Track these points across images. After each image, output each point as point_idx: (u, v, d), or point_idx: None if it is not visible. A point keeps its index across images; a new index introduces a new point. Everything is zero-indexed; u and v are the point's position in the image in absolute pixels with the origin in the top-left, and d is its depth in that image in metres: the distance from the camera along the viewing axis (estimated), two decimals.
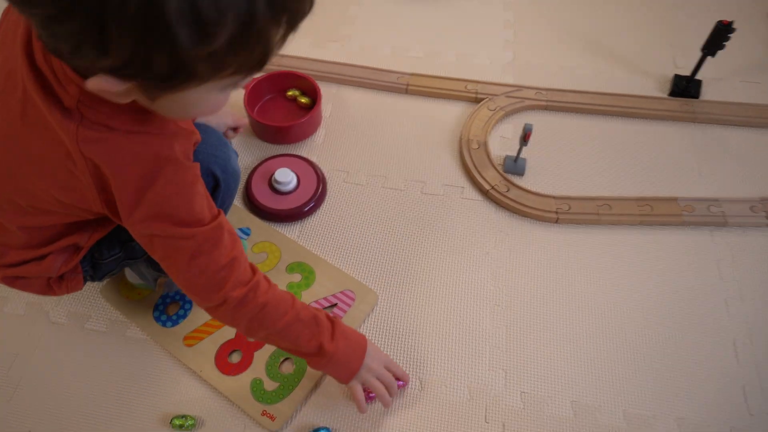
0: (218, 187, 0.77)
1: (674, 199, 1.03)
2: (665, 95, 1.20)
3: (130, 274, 0.92)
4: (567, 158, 1.11)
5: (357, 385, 0.78)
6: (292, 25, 0.49)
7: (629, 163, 1.10)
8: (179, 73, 0.45)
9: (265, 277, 0.71)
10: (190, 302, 0.92)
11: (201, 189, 0.63)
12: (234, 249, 0.66)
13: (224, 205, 0.80)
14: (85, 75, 0.48)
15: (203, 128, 0.77)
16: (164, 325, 0.90)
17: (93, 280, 0.81)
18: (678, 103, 1.18)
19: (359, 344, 0.78)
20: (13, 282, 0.76)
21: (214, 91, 0.53)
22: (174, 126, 0.61)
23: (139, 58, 0.43)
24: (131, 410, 0.84)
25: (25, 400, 0.84)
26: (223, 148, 0.79)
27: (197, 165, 0.62)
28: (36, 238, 0.70)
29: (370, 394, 0.81)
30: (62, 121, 0.54)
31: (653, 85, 1.23)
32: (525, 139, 1.01)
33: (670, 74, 1.23)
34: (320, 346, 0.73)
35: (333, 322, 0.75)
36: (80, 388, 0.85)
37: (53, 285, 0.77)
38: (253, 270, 0.69)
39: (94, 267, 0.79)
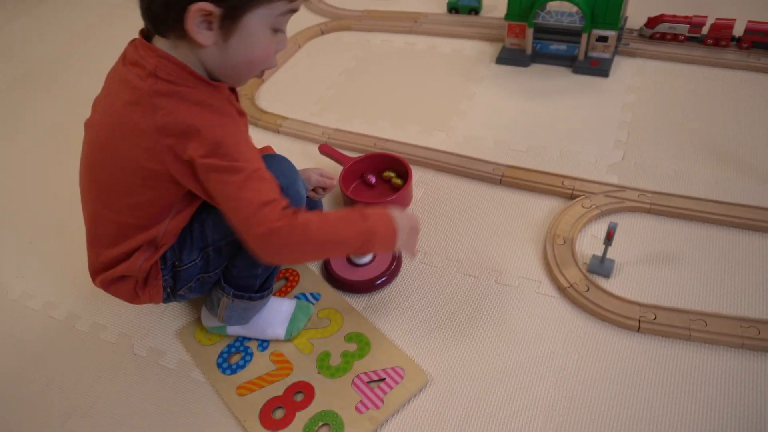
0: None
1: None
2: None
3: (205, 316, 0.99)
4: (663, 266, 1.01)
5: (399, 246, 0.85)
6: None
7: (738, 279, 0.97)
8: None
9: (317, 213, 0.80)
10: (251, 354, 0.97)
11: (250, 141, 0.78)
12: (274, 191, 0.76)
13: None
14: (184, 12, 0.69)
15: (279, 157, 0.92)
16: (224, 372, 0.95)
17: (173, 293, 0.91)
18: None
19: (387, 216, 0.83)
20: (109, 286, 0.89)
21: (269, 30, 0.75)
22: (230, 110, 0.78)
23: None
24: None
25: (98, 416, 0.93)
26: (293, 174, 0.90)
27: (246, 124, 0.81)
28: (121, 230, 0.84)
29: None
30: (142, 82, 0.73)
31: None
32: (608, 238, 0.95)
33: None
34: (365, 237, 0.80)
35: (356, 210, 0.82)
36: (141, 416, 0.92)
37: (138, 291, 0.89)
38: (297, 212, 0.77)
39: (174, 277, 0.89)
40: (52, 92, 1.69)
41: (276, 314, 0.98)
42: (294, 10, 0.76)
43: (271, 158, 0.89)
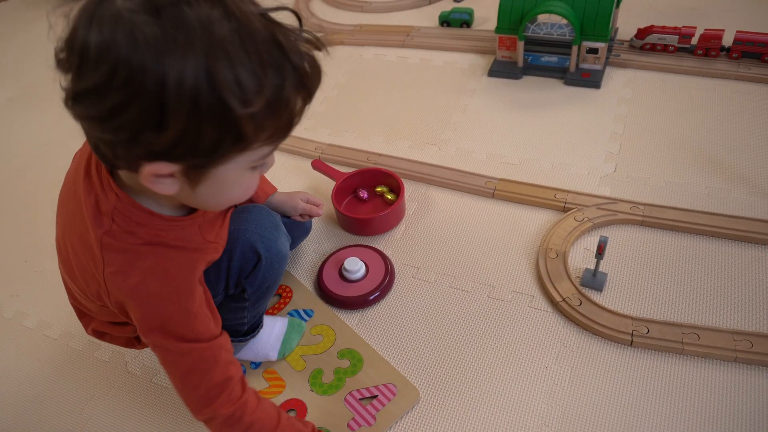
0: (259, 263, 0.82)
1: None
2: None
3: None
4: (656, 279, 1.01)
5: None
6: (309, 96, 0.57)
7: (732, 292, 0.97)
8: (226, 137, 0.53)
9: (255, 394, 0.74)
10: (244, 371, 0.96)
11: (205, 310, 0.69)
12: (229, 369, 0.70)
13: (265, 283, 0.85)
14: (135, 167, 0.55)
15: (258, 210, 0.86)
16: None
17: None
18: None
19: None
20: (101, 336, 0.87)
21: (247, 171, 0.60)
22: (195, 241, 0.69)
23: (192, 131, 0.51)
24: None
25: None
26: (273, 231, 0.85)
27: (201, 287, 0.69)
28: (106, 309, 0.76)
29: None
30: (94, 224, 0.63)
31: None
32: (599, 251, 0.95)
33: None
34: None
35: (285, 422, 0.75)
36: None
37: (134, 341, 0.87)
38: (244, 388, 0.72)
39: None
40: (48, 111, 1.70)
41: (268, 337, 0.97)
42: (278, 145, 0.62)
43: (245, 219, 0.84)
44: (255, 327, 0.94)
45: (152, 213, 0.64)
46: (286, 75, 0.53)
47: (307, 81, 0.56)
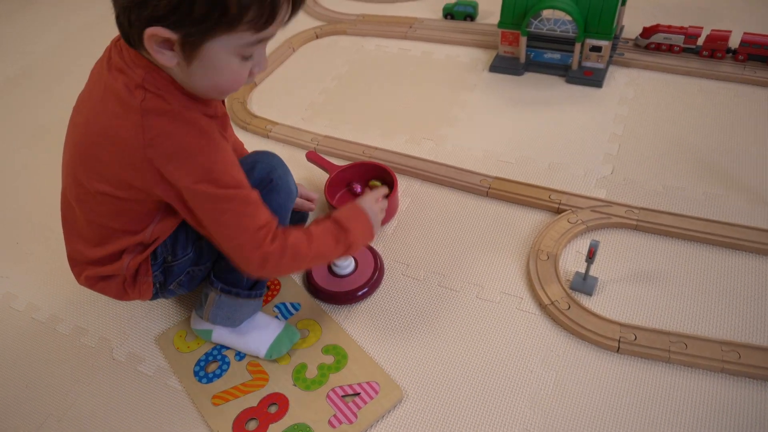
0: (270, 185, 0.88)
1: None
2: None
3: (194, 318, 0.99)
4: (647, 284, 1.00)
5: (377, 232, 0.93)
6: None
7: (722, 301, 0.96)
8: (214, 10, 0.63)
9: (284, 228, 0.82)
10: (228, 363, 0.96)
11: (236, 162, 0.77)
12: (266, 213, 0.79)
13: (273, 205, 0.85)
14: (142, 35, 0.66)
15: (270, 154, 0.94)
16: (200, 380, 0.95)
17: (162, 289, 0.91)
18: None
19: (361, 215, 0.89)
20: (94, 284, 0.90)
21: (234, 57, 0.70)
22: (214, 109, 0.79)
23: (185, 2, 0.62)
24: None
25: (72, 422, 0.93)
26: (286, 169, 0.93)
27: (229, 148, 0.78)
28: (105, 232, 0.84)
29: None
30: (131, 95, 0.71)
31: None
32: (589, 256, 0.94)
33: None
34: (347, 245, 0.85)
35: (333, 220, 0.86)
36: (114, 423, 0.92)
37: (127, 288, 0.89)
38: (276, 223, 0.80)
39: (165, 272, 0.89)
40: (46, 92, 1.69)
41: (262, 331, 0.97)
42: (265, 39, 0.71)
43: (260, 154, 0.92)
44: (257, 288, 0.94)
45: (175, 83, 0.73)
46: None
47: None
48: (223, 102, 0.87)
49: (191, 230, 0.86)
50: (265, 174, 0.87)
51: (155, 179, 0.74)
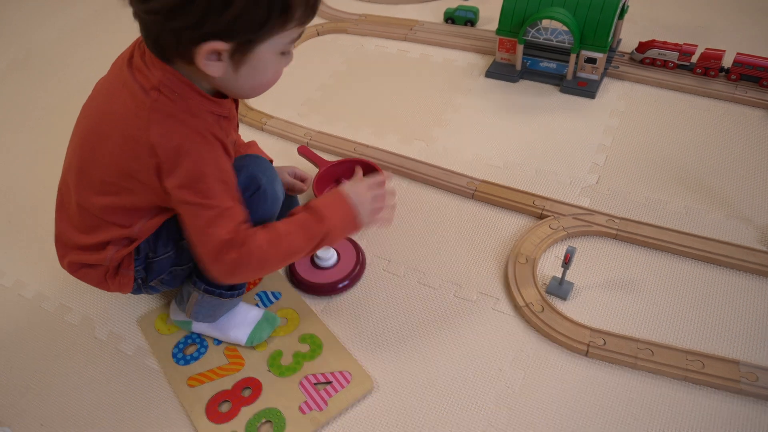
0: (257, 192, 0.87)
1: (735, 363, 0.89)
2: (765, 248, 1.06)
3: (173, 310, 1.01)
4: (621, 292, 1.02)
5: (367, 223, 0.88)
6: None
7: (693, 312, 0.98)
8: (274, 10, 0.67)
9: (256, 227, 0.81)
10: (206, 346, 0.99)
11: (229, 176, 0.79)
12: (237, 222, 0.78)
13: (255, 216, 0.86)
14: (192, 52, 0.69)
15: (260, 156, 0.93)
16: (178, 362, 0.97)
17: (144, 284, 0.92)
18: None
19: (341, 202, 0.86)
20: (77, 271, 0.91)
21: (278, 56, 0.75)
22: (229, 109, 0.82)
23: (250, 7, 0.66)
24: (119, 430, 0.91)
25: (50, 396, 0.95)
26: (273, 173, 0.92)
27: (230, 157, 0.81)
28: (96, 222, 0.85)
29: None
30: (145, 94, 0.74)
31: (753, 236, 1.09)
32: (565, 261, 0.96)
33: None
34: (321, 237, 0.83)
35: (309, 209, 0.84)
36: (91, 398, 0.94)
37: (108, 279, 0.90)
38: (246, 228, 0.79)
39: (146, 268, 0.90)
40: (47, 77, 1.72)
41: (242, 319, 0.98)
42: (303, 32, 0.77)
43: (250, 158, 0.91)
44: (238, 287, 0.95)
45: (193, 86, 0.75)
46: None
47: None
48: (236, 103, 0.89)
49: (173, 229, 0.87)
50: (252, 180, 0.87)
51: (152, 175, 0.76)
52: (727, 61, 1.44)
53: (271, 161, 1.07)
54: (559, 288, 1.02)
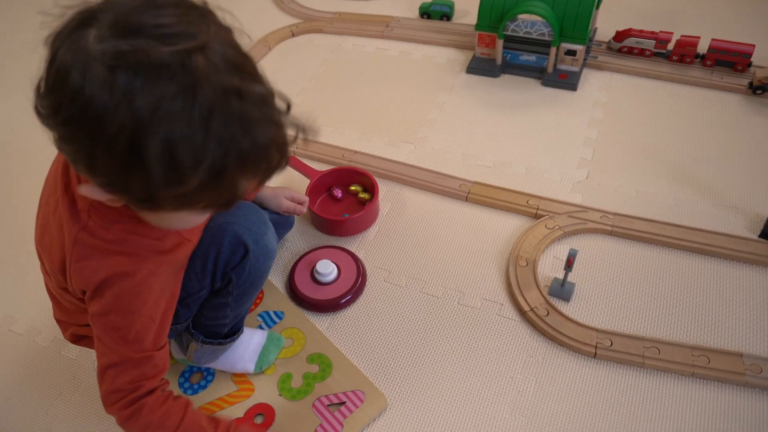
0: (247, 256, 0.82)
1: (739, 355, 0.92)
2: (755, 237, 1.09)
3: (174, 349, 0.98)
4: (622, 290, 1.04)
5: None
6: (264, 179, 0.58)
7: (693, 306, 1.00)
8: (151, 201, 0.55)
9: (167, 396, 0.75)
10: (212, 374, 0.97)
11: (158, 318, 0.71)
12: (153, 379, 0.73)
13: (250, 277, 0.84)
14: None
15: (246, 205, 0.87)
16: (185, 392, 0.95)
17: None
18: (767, 247, 1.07)
19: None
20: (79, 340, 0.88)
21: (190, 214, 0.61)
22: (169, 238, 0.71)
23: (121, 181, 0.53)
24: None
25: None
26: (261, 226, 0.84)
27: (167, 292, 0.72)
28: (80, 306, 0.77)
29: None
30: (71, 220, 0.65)
31: (742, 224, 1.12)
32: (568, 264, 0.96)
33: (766, 214, 1.12)
34: None
35: (215, 425, 0.76)
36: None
37: None
38: (153, 390, 0.74)
39: None
40: (14, 96, 1.64)
41: (246, 349, 0.96)
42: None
43: (238, 208, 0.84)
44: (235, 331, 0.93)
45: (128, 209, 0.64)
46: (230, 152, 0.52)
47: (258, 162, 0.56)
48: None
49: None
50: (238, 244, 0.81)
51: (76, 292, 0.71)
52: (703, 48, 1.47)
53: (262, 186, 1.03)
54: (562, 290, 1.03)
